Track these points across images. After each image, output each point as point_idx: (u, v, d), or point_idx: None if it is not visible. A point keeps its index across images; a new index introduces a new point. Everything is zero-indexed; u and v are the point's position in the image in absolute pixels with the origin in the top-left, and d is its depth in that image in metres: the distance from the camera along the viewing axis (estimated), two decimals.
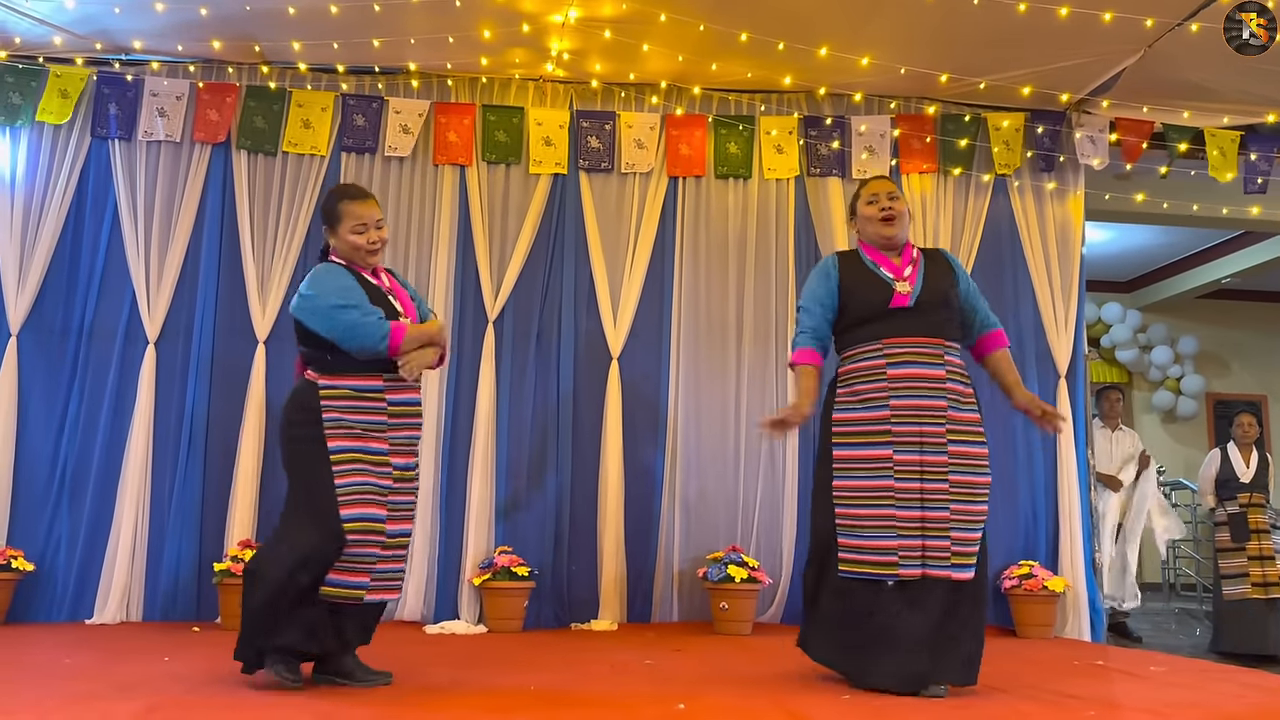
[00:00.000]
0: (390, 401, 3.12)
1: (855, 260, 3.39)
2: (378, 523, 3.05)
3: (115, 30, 5.19)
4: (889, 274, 3.28)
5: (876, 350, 3.21)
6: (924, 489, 3.10)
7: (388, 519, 3.08)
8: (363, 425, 3.08)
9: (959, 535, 3.10)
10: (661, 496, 5.40)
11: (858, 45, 5.13)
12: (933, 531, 3.08)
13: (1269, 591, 6.25)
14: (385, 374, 3.12)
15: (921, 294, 3.24)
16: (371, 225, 3.20)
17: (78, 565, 5.04)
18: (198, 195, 5.40)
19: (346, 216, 3.19)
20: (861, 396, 3.20)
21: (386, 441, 3.11)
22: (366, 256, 3.22)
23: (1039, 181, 5.81)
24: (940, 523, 3.08)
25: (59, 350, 5.24)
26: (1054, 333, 5.67)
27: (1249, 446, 6.62)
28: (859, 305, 3.28)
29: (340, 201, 3.23)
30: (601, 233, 5.58)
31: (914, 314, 3.21)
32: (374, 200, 3.27)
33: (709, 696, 3.04)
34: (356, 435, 3.06)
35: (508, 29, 5.04)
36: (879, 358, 3.19)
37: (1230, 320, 10.54)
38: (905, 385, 3.15)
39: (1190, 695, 3.33)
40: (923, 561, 3.07)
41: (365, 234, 3.19)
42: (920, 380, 3.15)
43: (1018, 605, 5.23)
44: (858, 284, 3.30)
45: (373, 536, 3.05)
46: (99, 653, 3.89)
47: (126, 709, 2.68)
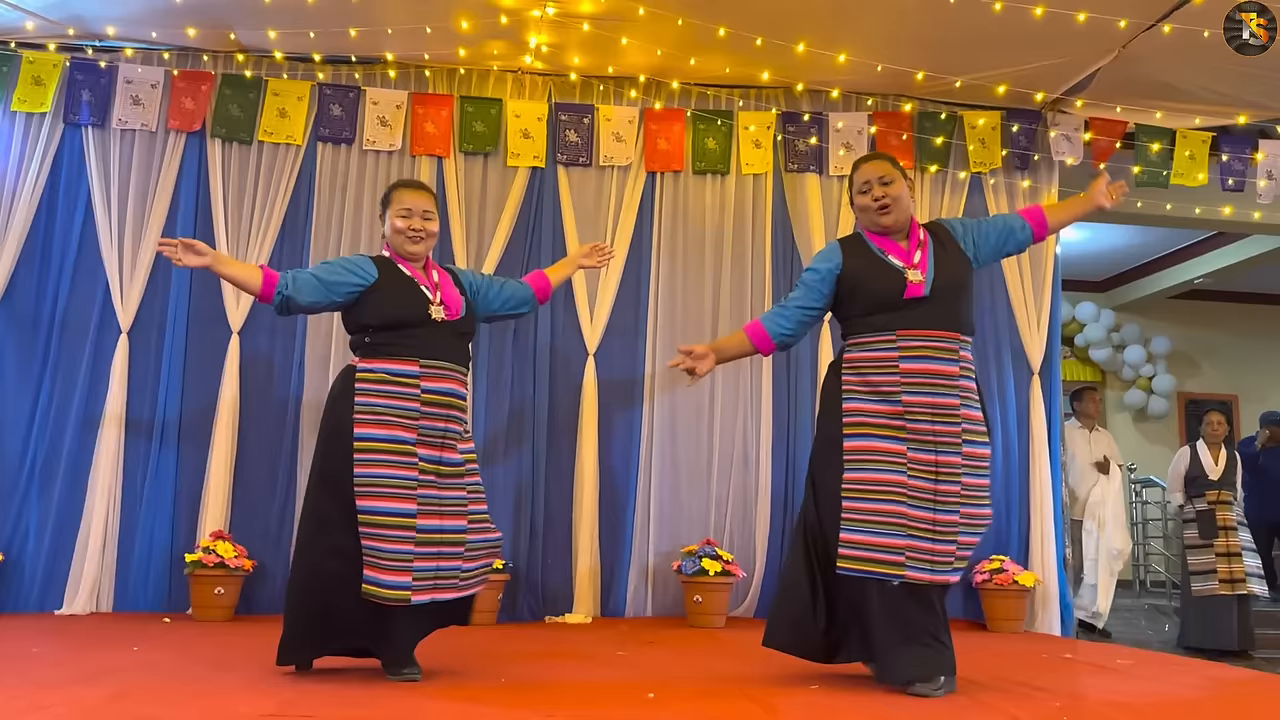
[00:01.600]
0: (424, 389, 3.07)
1: (861, 246, 3.21)
2: (402, 517, 2.98)
3: (89, 16, 5.14)
4: (899, 261, 3.11)
5: (890, 341, 3.06)
6: (938, 490, 2.97)
7: (419, 513, 3.00)
8: (394, 412, 3.04)
9: (966, 540, 2.99)
10: (636, 491, 5.41)
11: (836, 42, 5.15)
12: (942, 535, 2.95)
13: (1235, 588, 6.33)
14: (422, 360, 3.09)
15: (935, 281, 3.08)
16: (417, 213, 3.21)
17: (45, 556, 5.00)
18: (172, 184, 5.37)
19: (395, 202, 3.24)
20: (874, 388, 3.06)
21: (415, 431, 3.05)
22: (407, 243, 3.21)
23: (1014, 180, 5.85)
24: (949, 526, 2.95)
25: (30, 340, 5.19)
26: (1027, 331, 5.72)
27: (1218, 444, 6.69)
28: (870, 295, 3.11)
29: (394, 189, 3.30)
30: (579, 226, 5.57)
31: (929, 304, 3.05)
32: (428, 193, 3.30)
33: (680, 687, 3.05)
34: (386, 422, 3.03)
35: (486, 20, 5.03)
36: (891, 349, 3.05)
37: (1202, 320, 10.65)
38: (919, 381, 3.02)
39: (1154, 686, 3.37)
40: (931, 567, 2.93)
41: (409, 220, 3.20)
42: (934, 377, 3.02)
43: (988, 599, 5.28)
44: (866, 273, 3.12)
45: (396, 532, 2.97)
46: (68, 641, 3.86)
47: (93, 694, 2.66)
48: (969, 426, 3.05)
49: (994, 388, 5.66)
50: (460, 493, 3.13)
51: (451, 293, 3.25)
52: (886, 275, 3.10)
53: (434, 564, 3.02)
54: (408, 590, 2.95)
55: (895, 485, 2.98)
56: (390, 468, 3.00)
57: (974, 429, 3.06)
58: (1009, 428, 5.65)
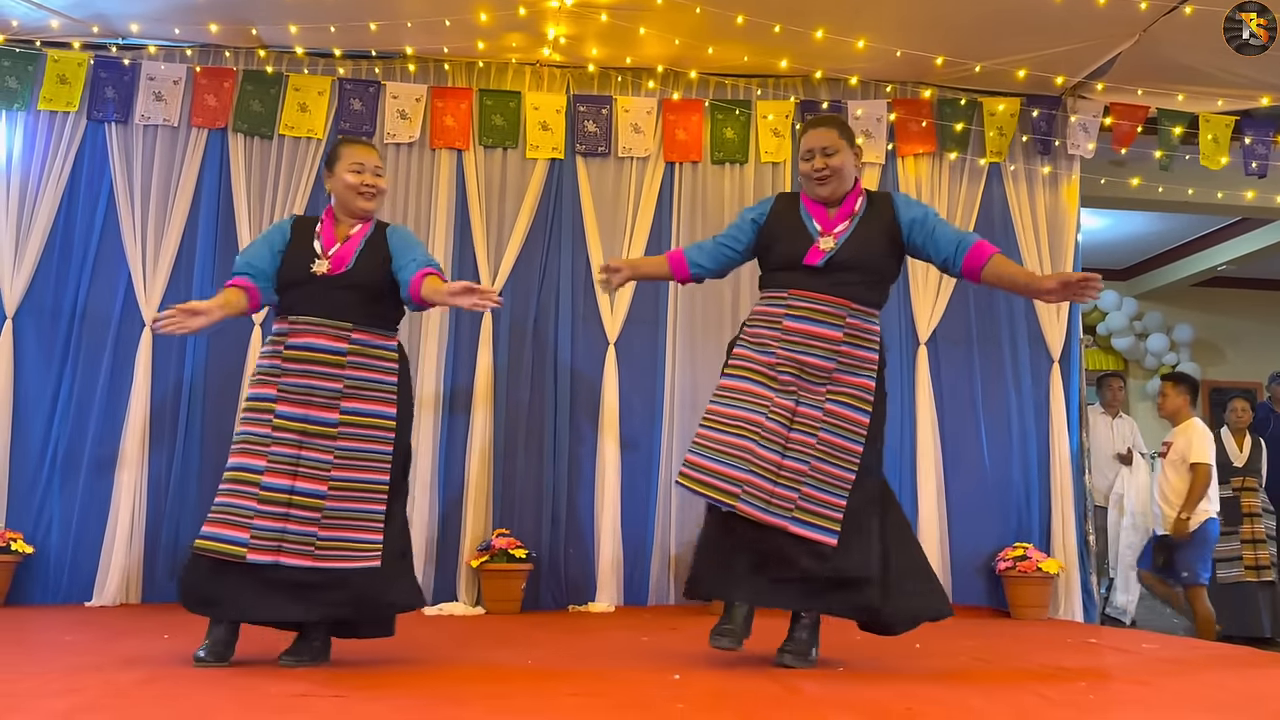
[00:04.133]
0: (287, 345, 3.04)
1: (792, 206, 3.27)
2: (248, 472, 2.95)
3: (112, 14, 5.20)
4: (817, 226, 3.17)
5: (782, 299, 3.15)
6: (789, 437, 3.05)
7: (266, 470, 2.94)
8: (262, 370, 3.07)
9: (810, 492, 3.01)
10: (658, 480, 5.42)
11: (854, 29, 5.15)
12: (784, 480, 3.02)
13: (1261, 575, 6.29)
14: (291, 316, 3.08)
15: (839, 254, 3.11)
16: (369, 169, 3.18)
17: (72, 548, 5.06)
18: (194, 178, 5.42)
19: (346, 156, 3.19)
20: (758, 340, 3.16)
21: (275, 387, 3.02)
22: (359, 199, 3.17)
23: (1034, 166, 5.83)
24: (794, 474, 3.02)
25: (54, 333, 5.25)
26: (1047, 318, 5.70)
27: (1242, 432, 6.64)
28: (778, 254, 3.21)
29: (341, 144, 3.26)
30: (598, 217, 5.59)
31: (824, 273, 3.11)
32: (376, 151, 3.26)
33: (704, 669, 3.07)
34: (257, 381, 3.06)
35: (504, 13, 5.05)
36: (781, 306, 3.14)
37: (1226, 308, 10.56)
38: (796, 340, 3.09)
39: (1178, 668, 3.36)
40: (766, 506, 3.01)
41: (361, 175, 3.16)
42: (812, 338, 3.08)
43: (1012, 587, 5.27)
44: (784, 231, 3.21)
45: (241, 487, 2.94)
46: (98, 631, 3.92)
47: (127, 678, 2.70)
48: (837, 389, 3.08)
49: (1010, 375, 5.65)
50: (325, 456, 2.98)
51: (349, 246, 3.13)
52: (798, 237, 3.18)
53: (279, 524, 2.92)
54: (243, 547, 2.88)
55: (751, 424, 3.07)
56: (249, 425, 3.01)
57: (847, 392, 3.08)
58: (1025, 415, 5.63)
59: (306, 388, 3.01)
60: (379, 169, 3.22)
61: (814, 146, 3.20)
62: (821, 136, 3.20)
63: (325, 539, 2.94)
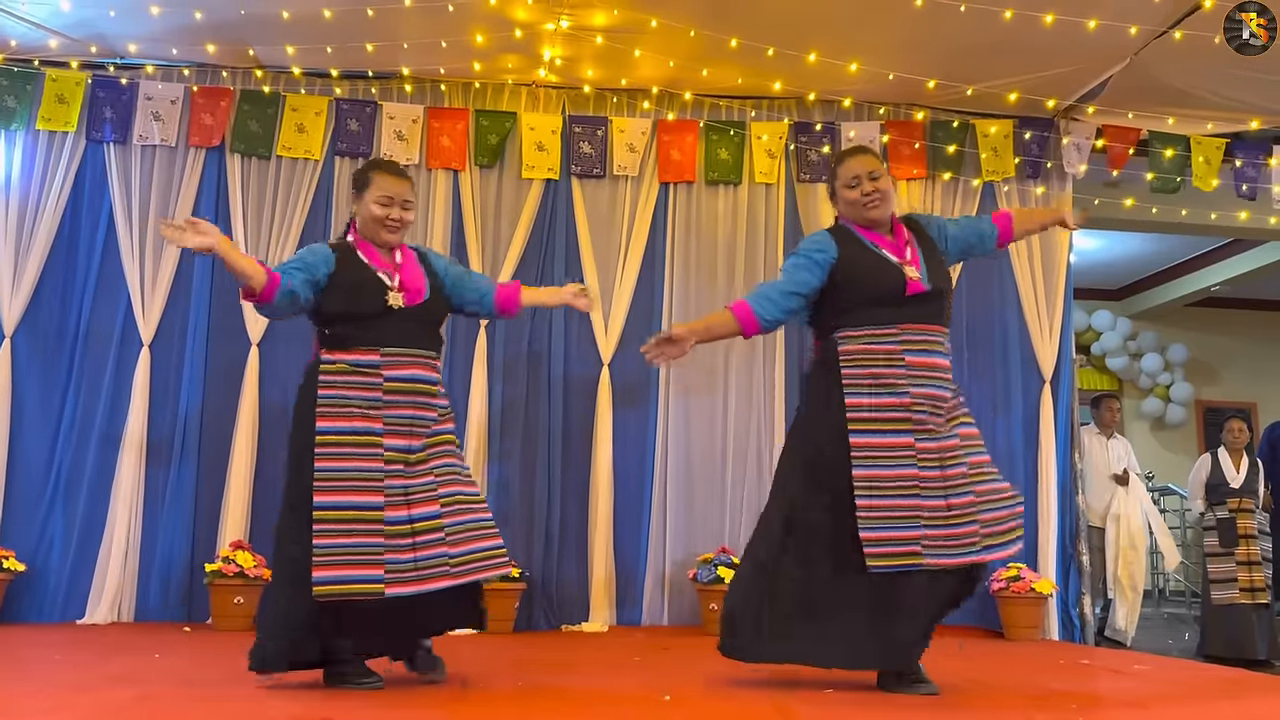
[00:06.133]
0: (387, 378, 3.00)
1: (851, 238, 3.21)
2: (365, 510, 2.89)
3: (110, 34, 5.24)
4: (894, 257, 3.14)
5: (893, 335, 3.07)
6: (946, 475, 3.02)
7: (386, 505, 2.91)
8: (357, 403, 2.97)
9: (990, 516, 3.03)
10: (651, 500, 5.43)
11: (847, 51, 5.19)
12: (959, 519, 2.99)
13: (1256, 597, 6.28)
14: (383, 348, 3.01)
15: (930, 279, 3.12)
16: (398, 202, 3.12)
17: (70, 566, 5.06)
18: (192, 198, 5.44)
19: (376, 185, 3.12)
20: (881, 381, 3.05)
21: (380, 420, 2.97)
22: (382, 231, 3.12)
23: (1026, 187, 5.86)
24: (965, 509, 3.00)
25: (54, 352, 5.27)
26: (1039, 339, 5.71)
27: (1239, 452, 6.65)
28: (868, 289, 3.11)
29: (374, 170, 3.17)
30: (593, 238, 5.62)
31: (926, 301, 3.10)
32: (409, 181, 3.19)
33: (696, 691, 3.07)
34: (350, 414, 2.97)
35: (500, 35, 5.09)
36: (894, 343, 3.07)
37: (1220, 328, 10.60)
38: (922, 374, 3.06)
39: (1172, 690, 3.36)
40: (951, 551, 2.97)
41: (389, 209, 3.11)
42: (935, 370, 3.09)
43: (1005, 607, 5.26)
44: (862, 266, 3.14)
45: (360, 525, 2.87)
46: (91, 649, 3.91)
47: (119, 696, 2.70)
48: (955, 414, 3.14)
49: (1000, 395, 5.66)
50: (427, 478, 3.01)
51: (413, 276, 3.14)
52: (884, 270, 3.13)
53: (411, 555, 2.91)
54: (379, 584, 2.85)
55: (908, 479, 3.01)
56: (354, 460, 2.93)
57: (963, 413, 3.17)
58: (1013, 434, 5.64)
59: (410, 418, 3.03)
60: (408, 202, 3.15)
61: (860, 172, 3.21)
62: (865, 162, 3.23)
63: (457, 555, 2.97)
